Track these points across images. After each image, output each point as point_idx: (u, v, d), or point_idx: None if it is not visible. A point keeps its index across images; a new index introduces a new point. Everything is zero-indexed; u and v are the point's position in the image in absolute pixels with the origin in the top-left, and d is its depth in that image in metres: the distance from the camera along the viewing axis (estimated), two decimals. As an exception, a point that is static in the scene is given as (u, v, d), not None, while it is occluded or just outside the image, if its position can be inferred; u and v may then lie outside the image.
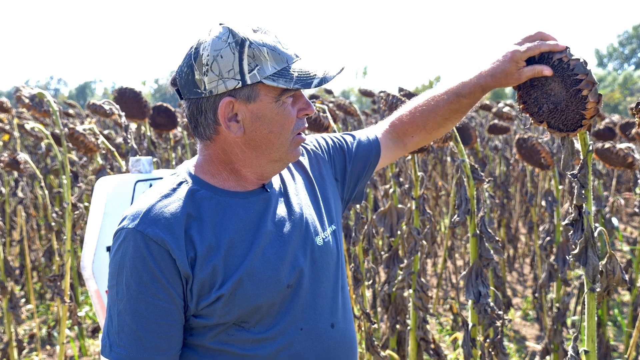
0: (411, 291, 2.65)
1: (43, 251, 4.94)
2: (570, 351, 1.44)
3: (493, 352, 2.12)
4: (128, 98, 3.67)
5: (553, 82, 1.32)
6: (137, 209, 1.21)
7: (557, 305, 3.43)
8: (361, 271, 2.66)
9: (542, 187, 4.78)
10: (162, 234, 1.17)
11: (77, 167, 4.81)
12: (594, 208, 4.01)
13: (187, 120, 1.28)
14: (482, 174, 2.02)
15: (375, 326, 2.88)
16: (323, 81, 1.23)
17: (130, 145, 2.61)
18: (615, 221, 3.99)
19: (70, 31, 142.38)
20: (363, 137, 1.58)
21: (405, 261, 2.69)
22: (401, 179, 2.95)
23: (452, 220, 2.06)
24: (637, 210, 3.52)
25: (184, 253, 1.18)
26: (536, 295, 4.37)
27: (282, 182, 1.37)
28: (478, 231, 2.02)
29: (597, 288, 1.39)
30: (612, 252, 1.41)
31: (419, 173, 2.55)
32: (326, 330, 1.32)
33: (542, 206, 4.61)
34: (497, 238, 2.04)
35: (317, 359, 1.30)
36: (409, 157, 2.73)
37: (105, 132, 5.41)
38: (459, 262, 6.04)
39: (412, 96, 4.22)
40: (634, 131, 4.82)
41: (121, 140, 4.71)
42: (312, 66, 1.24)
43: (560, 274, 3.40)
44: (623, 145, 2.87)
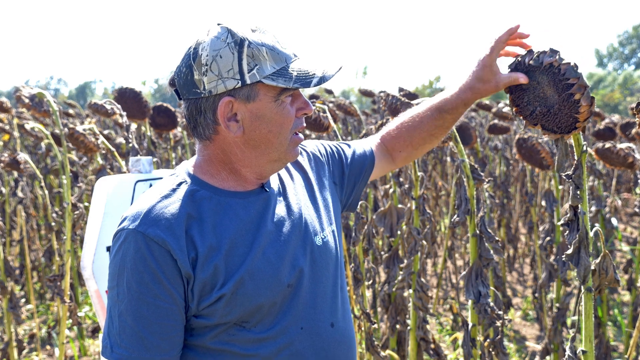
0: (411, 291, 2.66)
1: (43, 251, 4.94)
2: (567, 351, 1.44)
3: (493, 352, 2.12)
4: (128, 98, 3.67)
5: (545, 86, 1.33)
6: (137, 210, 1.21)
7: (557, 305, 3.43)
8: (361, 271, 2.66)
9: (542, 187, 4.77)
10: (163, 235, 1.17)
11: (77, 167, 4.81)
12: (594, 208, 4.01)
13: (186, 120, 1.28)
14: (482, 174, 2.02)
15: (375, 326, 2.88)
16: (322, 80, 1.23)
17: (130, 145, 2.61)
18: (614, 221, 3.99)
19: (70, 31, 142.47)
20: (358, 146, 1.61)
21: (405, 261, 2.69)
22: (401, 179, 2.95)
23: (452, 220, 2.06)
24: (637, 210, 3.52)
25: (185, 253, 1.18)
26: (536, 295, 4.37)
27: (281, 183, 1.38)
28: (478, 231, 2.02)
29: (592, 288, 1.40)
30: (607, 252, 1.41)
31: (419, 173, 2.55)
32: (326, 329, 1.32)
33: (542, 206, 4.62)
34: (497, 238, 2.04)
35: (317, 358, 1.30)
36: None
37: (105, 132, 5.41)
38: (459, 262, 6.04)
39: (412, 96, 4.23)
40: (634, 131, 4.82)
41: (121, 140, 4.72)
42: (311, 65, 1.25)
43: (560, 274, 3.40)
44: (623, 145, 2.87)
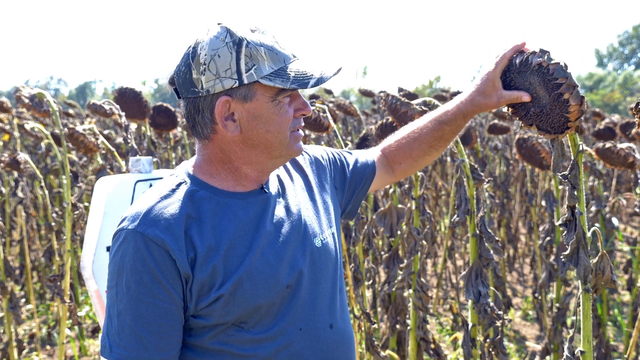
0: (411, 291, 2.65)
1: (43, 251, 4.94)
2: (566, 352, 1.44)
3: (493, 352, 2.12)
4: (128, 98, 3.67)
5: (537, 87, 1.34)
6: (137, 210, 1.21)
7: (557, 305, 3.43)
8: (361, 271, 2.66)
9: (542, 187, 4.77)
10: (162, 235, 1.17)
11: (77, 167, 4.81)
12: (594, 208, 4.01)
13: (185, 119, 1.29)
14: (482, 174, 2.02)
15: (375, 326, 2.88)
16: (320, 81, 1.23)
17: (130, 145, 2.61)
18: (615, 221, 3.99)
19: (70, 31, 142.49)
20: (361, 155, 1.62)
21: (405, 261, 2.69)
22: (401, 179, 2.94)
23: (452, 220, 2.06)
24: (637, 210, 3.52)
25: (184, 253, 1.18)
26: (536, 295, 4.37)
27: (281, 184, 1.38)
28: (478, 231, 2.02)
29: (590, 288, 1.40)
30: (604, 252, 1.41)
31: (419, 173, 2.55)
32: (325, 330, 1.32)
33: (542, 206, 4.61)
34: (497, 238, 2.04)
35: (316, 359, 1.30)
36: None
37: (105, 132, 5.41)
38: (459, 262, 6.04)
39: (412, 96, 4.23)
40: (634, 131, 4.82)
41: (121, 140, 4.71)
42: (309, 66, 1.25)
43: (560, 274, 3.40)
44: (623, 145, 2.87)
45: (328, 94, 8.19)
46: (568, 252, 1.38)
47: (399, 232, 2.91)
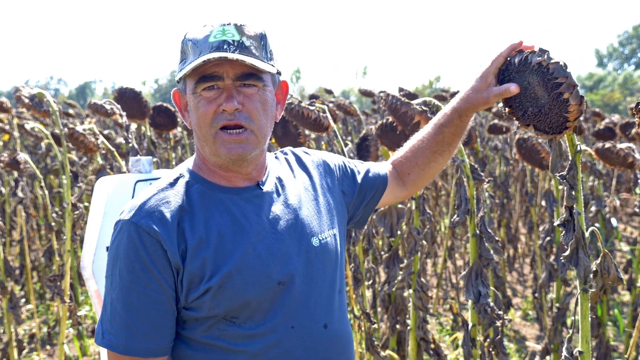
0: (411, 291, 2.65)
1: (43, 251, 4.94)
2: (564, 352, 1.44)
3: (493, 352, 2.12)
4: (128, 98, 3.67)
5: (535, 86, 1.33)
6: (135, 203, 1.26)
7: (557, 305, 3.43)
8: (361, 271, 2.66)
9: (542, 187, 4.77)
10: (155, 226, 1.21)
11: (77, 167, 4.81)
12: (594, 208, 4.02)
13: None
14: (482, 174, 2.02)
15: (375, 326, 2.88)
16: (202, 62, 1.20)
17: (130, 145, 2.61)
18: (614, 221, 3.99)
19: (70, 31, 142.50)
20: (373, 166, 1.63)
21: (405, 261, 2.69)
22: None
23: (452, 220, 2.06)
24: (637, 210, 3.52)
25: (175, 245, 1.21)
26: (536, 295, 4.37)
27: (280, 182, 1.39)
28: (478, 231, 2.02)
29: (591, 288, 1.40)
30: (607, 251, 1.41)
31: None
32: (318, 330, 1.32)
33: (542, 206, 4.61)
34: (497, 238, 2.04)
35: (307, 358, 1.30)
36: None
37: (105, 132, 5.41)
38: (459, 262, 6.04)
39: (412, 96, 4.23)
40: (634, 131, 4.82)
41: (121, 140, 4.71)
42: (216, 54, 1.21)
43: (560, 274, 3.40)
44: (623, 145, 2.86)
45: (328, 94, 8.18)
46: (568, 253, 1.38)
47: (399, 232, 2.91)
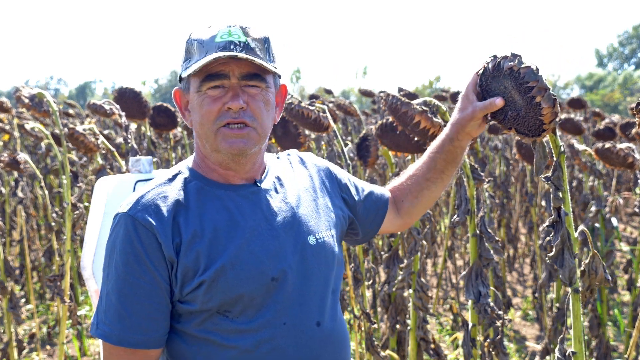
0: (411, 291, 2.65)
1: (43, 251, 4.94)
2: (557, 353, 1.45)
3: (493, 352, 2.12)
4: (128, 98, 3.67)
5: (511, 91, 1.34)
6: (133, 197, 1.29)
7: (557, 305, 3.43)
8: (361, 271, 2.66)
9: (542, 187, 4.77)
10: (151, 219, 1.23)
11: (77, 167, 4.81)
12: (594, 208, 4.01)
13: None
14: (482, 174, 2.02)
15: (375, 326, 2.88)
16: (207, 63, 1.23)
17: (130, 145, 2.61)
18: (614, 221, 3.99)
19: (70, 31, 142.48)
20: (376, 187, 1.63)
21: (405, 261, 2.69)
22: (401, 179, 2.93)
23: (452, 220, 2.06)
24: (637, 210, 3.52)
25: (170, 238, 1.23)
26: (536, 295, 4.37)
27: (279, 180, 1.41)
28: (478, 231, 2.02)
29: (580, 288, 1.40)
30: (595, 252, 1.42)
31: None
32: (311, 327, 1.33)
33: (542, 206, 4.62)
34: (497, 238, 2.04)
35: (299, 355, 1.30)
36: (409, 157, 2.73)
37: (105, 132, 5.41)
38: (459, 262, 6.04)
39: (412, 96, 4.23)
40: (634, 131, 4.82)
41: (121, 140, 4.71)
42: (220, 54, 1.24)
43: (559, 274, 3.40)
44: (623, 145, 2.86)
45: (328, 94, 8.18)
46: (553, 254, 1.39)
47: (399, 232, 2.91)
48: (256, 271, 1.26)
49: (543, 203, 3.71)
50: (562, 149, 1.35)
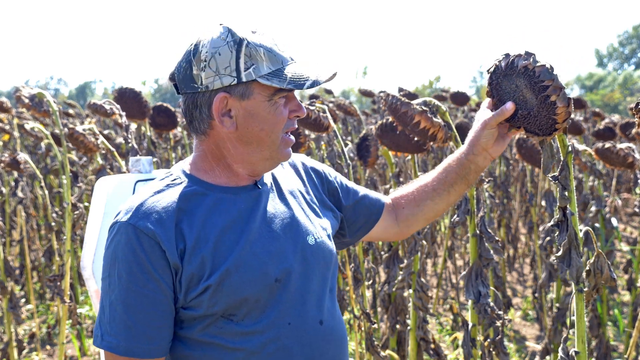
0: (411, 291, 2.65)
1: (43, 251, 4.94)
2: (560, 352, 1.45)
3: (493, 352, 2.12)
4: (128, 98, 3.67)
5: (523, 89, 1.34)
6: (131, 204, 1.26)
7: (557, 305, 3.43)
8: (361, 271, 2.66)
9: (542, 187, 4.77)
10: (153, 227, 1.21)
11: (77, 167, 4.81)
12: (594, 208, 4.01)
13: (183, 114, 1.34)
14: (482, 174, 2.02)
15: (375, 326, 2.88)
16: (315, 84, 1.28)
17: (130, 145, 2.61)
18: (614, 221, 3.99)
19: (70, 31, 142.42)
20: (371, 192, 1.63)
21: (405, 261, 2.69)
22: (401, 179, 2.94)
23: (452, 220, 2.06)
24: (637, 210, 3.52)
25: (174, 245, 1.22)
26: (536, 295, 4.37)
27: (275, 181, 1.42)
28: (478, 231, 2.02)
29: (585, 288, 1.40)
30: (600, 251, 1.42)
31: (419, 173, 2.55)
32: (314, 326, 1.34)
33: (542, 206, 4.61)
34: (497, 238, 2.04)
35: (304, 354, 1.31)
36: (409, 157, 2.73)
37: (105, 132, 5.41)
38: (459, 262, 6.04)
39: (412, 96, 4.23)
40: (634, 131, 4.82)
41: (121, 140, 4.71)
42: (306, 69, 1.29)
43: (560, 274, 3.39)
44: (623, 145, 2.86)
45: (328, 94, 8.19)
46: (560, 253, 1.39)
47: (399, 232, 2.90)
48: (259, 273, 1.26)
49: (543, 203, 3.71)
50: (570, 149, 1.35)
